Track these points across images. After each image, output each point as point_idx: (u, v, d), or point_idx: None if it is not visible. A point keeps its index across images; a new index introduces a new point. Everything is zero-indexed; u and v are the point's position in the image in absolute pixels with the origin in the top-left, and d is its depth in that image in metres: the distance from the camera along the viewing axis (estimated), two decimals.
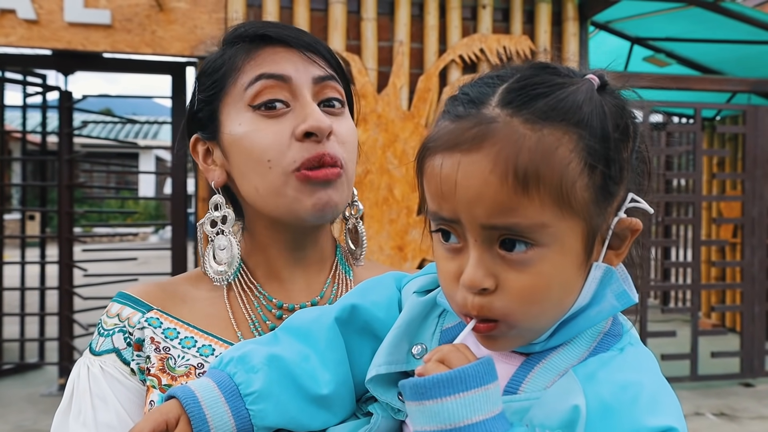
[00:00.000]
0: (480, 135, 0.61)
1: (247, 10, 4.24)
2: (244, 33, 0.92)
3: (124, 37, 4.14)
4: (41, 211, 6.10)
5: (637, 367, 0.66)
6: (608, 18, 6.11)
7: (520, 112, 0.61)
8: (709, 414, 4.82)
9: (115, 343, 0.89)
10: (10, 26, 4.06)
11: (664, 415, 0.61)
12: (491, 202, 0.60)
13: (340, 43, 4.32)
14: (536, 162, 0.59)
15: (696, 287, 5.74)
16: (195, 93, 0.95)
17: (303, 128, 0.86)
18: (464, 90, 0.67)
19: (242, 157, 0.89)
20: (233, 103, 0.89)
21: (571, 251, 0.63)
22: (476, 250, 0.63)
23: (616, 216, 0.66)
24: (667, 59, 6.89)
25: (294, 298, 0.95)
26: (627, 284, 0.68)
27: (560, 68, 0.66)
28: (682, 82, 5.41)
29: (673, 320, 7.81)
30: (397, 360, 0.74)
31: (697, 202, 5.77)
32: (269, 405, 0.73)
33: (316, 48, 0.91)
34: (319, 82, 0.90)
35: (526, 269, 0.62)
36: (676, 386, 5.09)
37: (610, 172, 0.63)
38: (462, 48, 4.45)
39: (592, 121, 0.62)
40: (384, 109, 4.32)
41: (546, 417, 0.62)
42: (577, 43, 4.66)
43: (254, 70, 0.88)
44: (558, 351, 0.67)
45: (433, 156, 0.65)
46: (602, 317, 0.68)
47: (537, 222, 0.60)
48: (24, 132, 5.97)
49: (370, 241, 4.31)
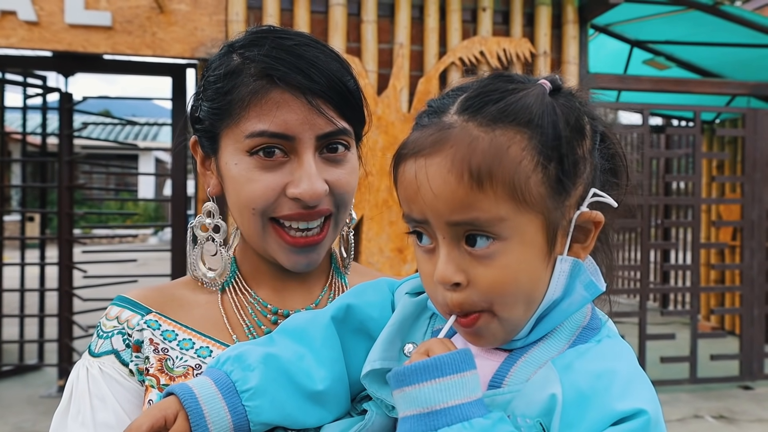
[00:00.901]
0: (439, 140, 0.67)
1: (248, 12, 4.25)
2: (258, 59, 0.86)
3: (124, 38, 4.14)
4: (41, 212, 6.10)
5: (612, 356, 0.69)
6: (608, 21, 6.12)
7: (475, 117, 0.67)
8: (708, 417, 4.82)
9: (114, 344, 0.90)
10: (11, 28, 4.06)
11: (635, 399, 0.64)
12: (451, 200, 0.66)
13: (341, 45, 4.33)
14: (489, 160, 0.65)
15: (695, 290, 5.74)
16: (200, 93, 0.93)
17: (294, 193, 0.86)
18: (430, 103, 0.74)
19: (232, 195, 0.90)
20: (232, 141, 0.88)
21: (533, 244, 0.68)
22: (445, 248, 0.68)
23: (577, 210, 0.70)
24: (666, 62, 6.90)
25: (289, 304, 0.96)
26: (595, 275, 0.73)
27: (515, 76, 0.72)
28: (682, 85, 5.42)
29: (672, 323, 7.81)
30: (391, 357, 0.77)
31: (697, 205, 5.78)
32: (265, 401, 0.75)
33: (327, 94, 0.86)
34: (324, 138, 0.87)
35: (491, 263, 0.67)
36: (675, 389, 5.06)
37: (563, 168, 0.67)
38: (462, 50, 4.46)
39: (543, 121, 0.66)
40: (384, 112, 4.33)
41: (526, 406, 0.66)
42: (577, 46, 4.67)
43: (258, 120, 0.85)
44: (539, 345, 0.71)
45: (403, 163, 0.71)
46: (574, 308, 0.72)
47: (494, 216, 0.65)
48: (24, 133, 5.97)
49: (370, 243, 4.31)
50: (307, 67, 0.85)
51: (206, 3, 4.20)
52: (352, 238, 1.04)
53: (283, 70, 0.85)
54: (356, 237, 4.40)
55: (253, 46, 0.88)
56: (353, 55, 4.35)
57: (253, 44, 0.88)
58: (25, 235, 6.45)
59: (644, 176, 5.48)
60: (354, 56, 4.34)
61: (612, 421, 0.63)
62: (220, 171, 0.91)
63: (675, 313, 6.81)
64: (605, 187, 0.73)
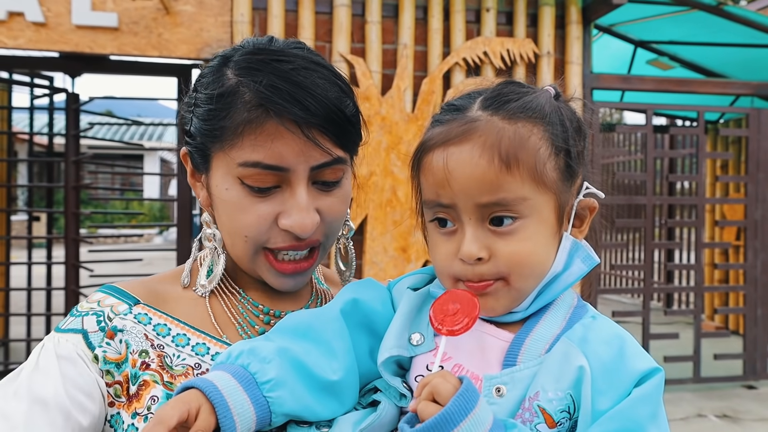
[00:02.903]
0: (468, 130, 0.77)
1: (253, 13, 4.27)
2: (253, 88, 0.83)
3: (130, 39, 4.18)
4: (47, 212, 6.14)
5: (612, 327, 0.80)
6: (612, 21, 6.13)
7: (498, 112, 0.78)
8: (712, 416, 4.83)
9: (85, 324, 0.86)
10: (19, 29, 4.10)
11: (648, 359, 0.76)
12: (482, 182, 0.75)
13: (345, 45, 4.35)
14: (515, 146, 0.75)
15: (699, 290, 5.74)
16: (192, 107, 0.90)
17: (286, 225, 0.85)
18: (449, 103, 0.84)
19: (222, 218, 0.90)
20: (224, 164, 0.86)
21: (547, 222, 0.79)
22: (471, 228, 0.77)
23: (577, 197, 0.82)
24: (670, 62, 6.90)
25: (279, 306, 0.95)
26: (590, 251, 0.84)
27: (524, 83, 0.84)
28: (686, 85, 5.43)
29: (676, 323, 7.81)
30: (401, 345, 0.81)
31: (701, 205, 5.78)
32: (286, 392, 0.77)
33: (323, 125, 0.84)
34: (320, 168, 0.86)
35: (512, 238, 0.77)
36: (678, 388, 5.05)
37: (571, 157, 0.80)
38: (466, 51, 4.48)
39: (553, 118, 0.79)
40: (388, 112, 4.35)
41: (555, 381, 0.74)
42: (581, 46, 4.69)
43: (253, 151, 0.83)
44: (541, 324, 0.80)
45: (429, 153, 0.80)
46: (573, 279, 0.82)
47: (519, 195, 0.76)
48: (31, 133, 6.02)
49: (374, 242, 4.34)
50: (304, 97, 0.82)
51: (211, 4, 4.23)
52: (353, 249, 1.03)
53: (278, 102, 0.82)
54: (360, 236, 4.42)
55: (248, 72, 0.84)
56: (357, 56, 4.37)
57: (249, 69, 0.84)
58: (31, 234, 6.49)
59: (648, 176, 5.48)
60: (358, 56, 4.37)
61: (636, 381, 0.73)
62: (210, 190, 0.90)
63: (679, 312, 6.81)
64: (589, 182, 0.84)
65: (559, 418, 0.73)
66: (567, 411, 0.73)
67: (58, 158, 6.09)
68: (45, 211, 6.13)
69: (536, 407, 0.73)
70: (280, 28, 4.28)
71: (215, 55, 0.92)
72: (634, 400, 0.72)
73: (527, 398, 0.74)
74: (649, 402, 0.72)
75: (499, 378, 0.75)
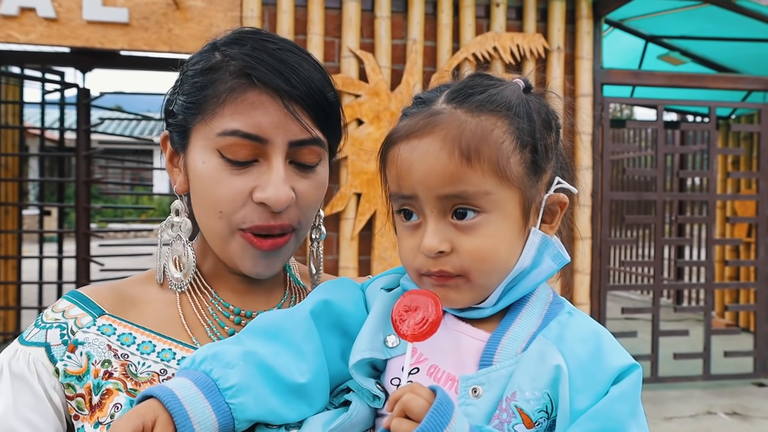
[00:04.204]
0: (431, 123, 0.77)
1: (262, 9, 4.28)
2: (239, 57, 0.84)
3: (141, 35, 4.19)
4: (58, 206, 6.18)
5: (589, 324, 0.79)
6: (622, 16, 6.09)
7: (462, 105, 0.77)
8: (722, 413, 4.81)
9: (48, 337, 0.86)
10: (30, 24, 4.13)
11: (625, 355, 0.76)
12: (442, 174, 0.74)
13: (354, 41, 4.35)
14: (476, 140, 0.74)
15: (709, 286, 5.71)
16: (177, 88, 0.90)
17: (260, 198, 0.84)
18: (417, 96, 0.85)
19: (198, 194, 0.88)
20: (203, 137, 0.85)
21: (512, 217, 0.77)
22: (432, 220, 0.76)
23: (547, 192, 0.80)
24: (681, 57, 6.85)
25: (251, 305, 0.94)
26: (561, 248, 0.82)
27: (493, 75, 0.83)
28: (697, 80, 5.38)
29: (686, 319, 7.77)
30: (376, 348, 0.80)
31: (712, 201, 5.74)
32: (249, 398, 0.74)
33: (304, 101, 0.84)
34: (296, 146, 0.85)
35: (475, 233, 0.75)
36: (688, 385, 5.03)
37: (537, 153, 0.78)
38: (475, 46, 4.47)
39: (519, 111, 0.77)
40: (397, 107, 4.35)
41: (532, 380, 0.72)
42: (591, 41, 4.66)
43: (232, 119, 0.83)
44: (517, 322, 0.78)
45: (394, 146, 0.80)
46: (542, 278, 0.80)
47: (481, 189, 0.74)
48: (42, 128, 6.06)
49: (383, 238, 4.34)
50: (287, 71, 0.84)
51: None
52: (321, 253, 1.02)
53: (262, 70, 0.83)
54: (369, 232, 4.43)
55: (235, 45, 0.86)
56: (367, 51, 4.37)
57: (236, 42, 0.87)
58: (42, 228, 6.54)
59: (658, 172, 5.45)
60: (367, 52, 4.36)
61: (613, 378, 0.73)
62: (187, 168, 0.89)
63: (689, 309, 6.78)
64: (563, 177, 0.83)
65: (537, 418, 0.72)
66: (545, 411, 0.72)
67: (68, 153, 6.14)
68: (56, 205, 6.18)
69: (513, 407, 0.72)
70: (290, 24, 4.28)
71: (207, 42, 0.92)
72: (612, 398, 0.71)
73: (504, 398, 0.72)
74: (627, 400, 0.72)
75: (475, 378, 0.74)
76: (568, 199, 0.82)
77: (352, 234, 4.38)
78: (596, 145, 4.84)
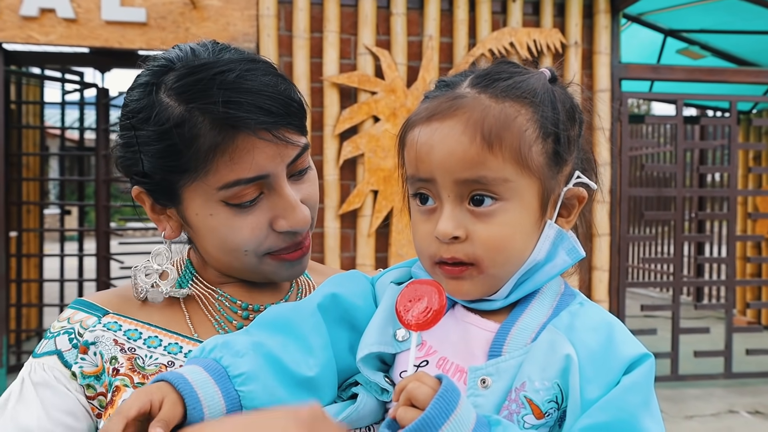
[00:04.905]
0: (453, 106, 0.75)
1: (279, 7, 4.29)
2: (209, 109, 0.79)
3: (158, 34, 4.23)
4: (79, 205, 6.26)
5: (600, 313, 0.78)
6: (641, 10, 6.02)
7: (486, 90, 0.76)
8: (744, 412, 4.75)
9: (58, 344, 0.87)
10: (50, 25, 4.18)
11: (637, 345, 0.74)
12: (462, 158, 0.73)
13: (370, 38, 4.35)
14: (499, 125, 0.73)
15: (731, 283, 5.64)
16: (135, 143, 0.84)
17: (284, 228, 0.85)
18: (440, 80, 0.83)
19: (210, 241, 0.87)
20: (201, 193, 0.83)
21: (529, 207, 0.75)
22: (449, 205, 0.75)
23: (566, 186, 0.79)
24: (701, 51, 6.76)
25: (258, 300, 0.94)
26: (576, 243, 0.80)
27: (519, 64, 0.81)
28: (717, 74, 5.31)
29: (706, 317, 7.68)
30: (385, 342, 0.79)
31: (733, 197, 5.66)
32: (258, 386, 0.74)
33: (286, 119, 0.83)
34: (294, 161, 0.85)
35: (491, 221, 0.74)
36: (709, 383, 4.96)
37: (559, 144, 0.76)
38: (492, 42, 4.44)
39: (544, 100, 0.76)
40: (414, 104, 4.34)
41: (542, 370, 0.71)
42: (609, 35, 4.62)
43: (229, 171, 0.80)
44: (527, 313, 0.77)
45: (414, 128, 0.78)
46: (556, 272, 0.79)
47: (500, 176, 0.73)
48: (62, 128, 6.13)
49: (400, 234, 4.34)
50: (263, 101, 0.80)
51: None
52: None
53: (244, 116, 0.79)
54: (386, 229, 4.43)
55: (196, 94, 0.80)
56: (382, 48, 4.36)
57: (195, 91, 0.80)
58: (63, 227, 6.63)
59: (678, 168, 5.39)
60: (383, 49, 4.36)
61: (625, 368, 0.71)
62: (188, 221, 0.88)
63: (709, 306, 6.69)
64: (584, 172, 0.81)
65: (547, 409, 0.71)
66: (555, 401, 0.71)
67: (88, 152, 6.20)
68: (76, 204, 6.25)
69: (523, 398, 0.71)
70: (306, 22, 4.29)
71: (133, 86, 0.87)
72: (624, 388, 0.70)
73: (513, 389, 0.72)
74: (639, 389, 0.70)
75: (484, 369, 0.73)
76: (587, 194, 0.80)
77: (369, 231, 4.38)
78: (614, 141, 4.79)
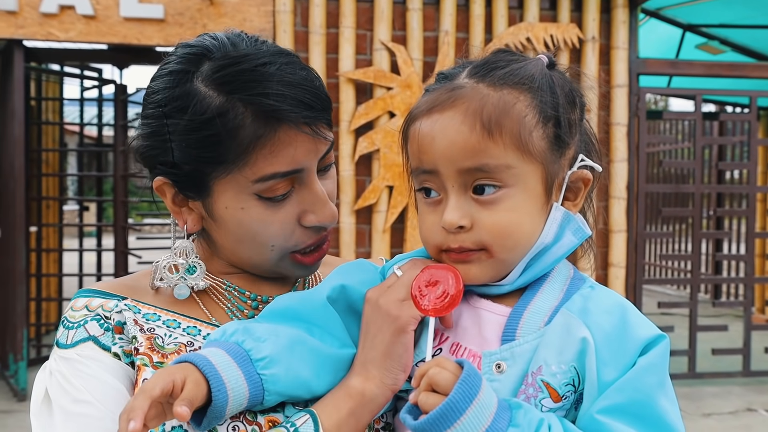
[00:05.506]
0: (452, 97, 0.76)
1: (295, 3, 4.30)
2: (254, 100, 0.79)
3: (176, 30, 4.26)
4: (97, 200, 6.33)
5: (612, 296, 0.79)
6: (659, 5, 5.96)
7: (484, 79, 0.77)
8: (762, 410, 4.70)
9: (90, 331, 0.83)
10: (70, 22, 4.23)
11: (651, 326, 0.75)
12: (464, 147, 0.74)
13: (386, 33, 4.35)
14: (498, 113, 0.74)
15: (749, 281, 5.58)
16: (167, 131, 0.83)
17: (313, 222, 0.85)
18: (439, 73, 0.83)
19: (239, 236, 0.86)
20: (234, 185, 0.82)
21: (534, 192, 0.76)
22: (453, 195, 0.76)
23: (570, 169, 0.80)
24: (721, 46, 6.68)
25: (266, 291, 0.93)
26: (583, 223, 0.82)
27: (515, 52, 0.83)
28: (737, 69, 5.24)
29: (724, 315, 7.60)
30: None
31: (752, 194, 5.59)
32: (281, 369, 0.74)
33: (323, 115, 0.83)
34: (324, 157, 0.86)
35: (496, 207, 0.75)
36: (727, 381, 4.93)
37: (560, 128, 0.77)
38: (508, 37, 4.43)
39: (543, 86, 0.77)
40: None
41: (558, 354, 0.72)
42: (627, 30, 4.58)
43: (267, 164, 0.80)
44: (538, 296, 0.78)
45: (415, 121, 0.79)
46: (564, 251, 0.80)
47: (503, 163, 0.74)
48: (81, 124, 6.20)
49: (415, 230, 4.34)
50: (304, 95, 0.80)
51: None
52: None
53: (288, 108, 0.79)
54: (401, 224, 4.43)
55: (239, 84, 0.79)
56: (398, 43, 4.36)
57: (238, 81, 0.79)
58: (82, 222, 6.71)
59: (696, 164, 5.34)
60: (399, 44, 4.36)
61: (640, 349, 0.72)
62: (213, 213, 0.86)
63: (727, 304, 6.63)
64: (587, 155, 0.82)
65: (564, 392, 0.72)
66: (572, 384, 0.72)
67: (107, 148, 6.26)
68: (95, 200, 6.32)
69: (540, 382, 0.72)
70: (322, 17, 4.30)
71: (160, 74, 0.85)
72: (640, 369, 0.71)
73: (530, 373, 0.72)
74: (655, 371, 0.71)
75: (498, 354, 0.74)
76: (593, 177, 0.81)
77: (384, 226, 4.39)
78: (632, 137, 4.75)
